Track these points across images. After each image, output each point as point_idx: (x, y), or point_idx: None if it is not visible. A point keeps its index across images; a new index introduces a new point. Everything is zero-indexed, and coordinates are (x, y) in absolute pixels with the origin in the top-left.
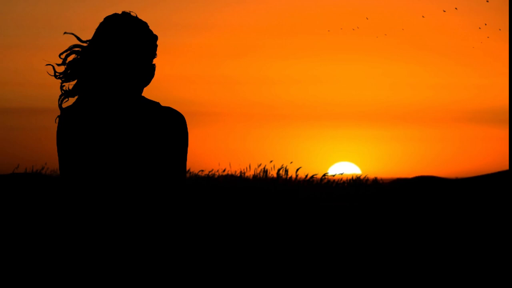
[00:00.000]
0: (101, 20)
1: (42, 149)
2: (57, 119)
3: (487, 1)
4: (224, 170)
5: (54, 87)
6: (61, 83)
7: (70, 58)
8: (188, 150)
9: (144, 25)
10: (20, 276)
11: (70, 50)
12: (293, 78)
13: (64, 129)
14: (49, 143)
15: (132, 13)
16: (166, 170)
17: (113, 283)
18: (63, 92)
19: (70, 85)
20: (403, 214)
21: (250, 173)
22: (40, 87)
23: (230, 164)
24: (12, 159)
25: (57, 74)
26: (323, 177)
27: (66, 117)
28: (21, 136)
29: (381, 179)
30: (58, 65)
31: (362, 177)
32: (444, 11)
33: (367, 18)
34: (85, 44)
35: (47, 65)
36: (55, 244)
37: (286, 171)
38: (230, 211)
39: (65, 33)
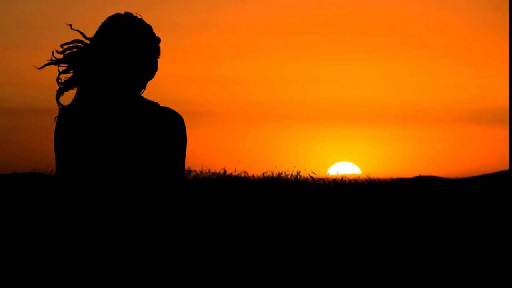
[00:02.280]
0: (102, 20)
1: (42, 149)
2: (56, 119)
3: None
4: (223, 171)
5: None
6: (58, 74)
7: (70, 51)
8: (187, 150)
9: (147, 26)
10: (19, 276)
11: (73, 43)
12: (293, 78)
13: (62, 129)
14: (49, 144)
15: (138, 16)
16: (164, 171)
17: (112, 284)
18: (59, 84)
19: (66, 78)
20: (403, 214)
21: (250, 174)
22: (40, 87)
23: (230, 164)
24: (12, 159)
25: (53, 59)
26: (321, 179)
27: (64, 116)
28: (21, 136)
29: (381, 179)
30: (58, 52)
31: (362, 177)
32: None
33: None
34: (87, 41)
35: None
36: (53, 244)
37: (286, 175)
38: (230, 210)
39: (71, 27)
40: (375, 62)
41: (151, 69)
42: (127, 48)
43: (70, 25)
